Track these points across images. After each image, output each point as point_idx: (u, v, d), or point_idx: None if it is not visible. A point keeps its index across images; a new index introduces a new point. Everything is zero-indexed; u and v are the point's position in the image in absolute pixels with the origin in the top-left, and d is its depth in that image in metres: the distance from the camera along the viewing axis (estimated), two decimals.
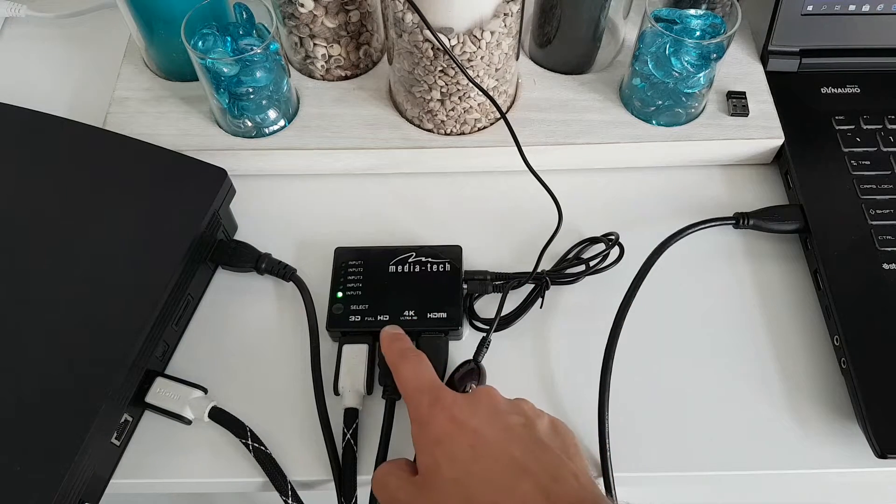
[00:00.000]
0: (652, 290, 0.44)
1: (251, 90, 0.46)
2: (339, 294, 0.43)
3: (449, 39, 0.42)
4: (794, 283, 0.46)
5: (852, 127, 0.50)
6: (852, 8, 0.50)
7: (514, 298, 0.45)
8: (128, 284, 0.40)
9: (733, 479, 0.40)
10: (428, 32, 0.42)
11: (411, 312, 0.42)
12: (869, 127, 0.50)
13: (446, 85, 0.45)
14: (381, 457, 0.39)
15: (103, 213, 0.42)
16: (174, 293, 0.41)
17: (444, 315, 0.42)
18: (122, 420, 0.39)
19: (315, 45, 0.50)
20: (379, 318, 0.42)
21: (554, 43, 0.51)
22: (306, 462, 0.40)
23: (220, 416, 0.41)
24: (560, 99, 0.51)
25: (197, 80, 0.47)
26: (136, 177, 0.44)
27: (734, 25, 0.44)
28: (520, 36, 0.47)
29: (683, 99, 0.48)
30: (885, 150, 0.49)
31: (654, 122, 0.50)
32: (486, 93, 0.44)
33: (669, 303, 0.45)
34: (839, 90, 0.52)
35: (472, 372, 0.41)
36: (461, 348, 0.44)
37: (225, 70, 0.44)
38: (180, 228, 0.42)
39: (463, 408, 0.35)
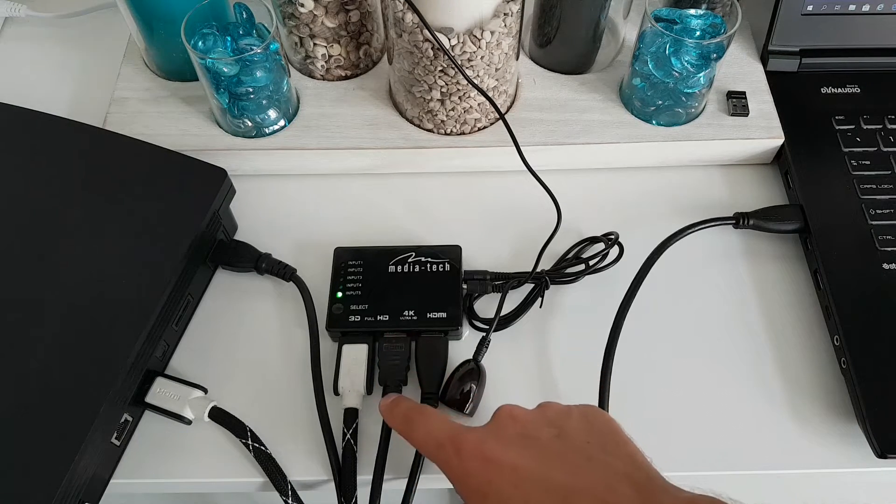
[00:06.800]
0: (652, 289, 0.44)
1: (251, 90, 0.46)
2: (339, 294, 0.43)
3: (449, 39, 0.42)
4: (794, 283, 0.46)
5: (852, 127, 0.50)
6: (852, 8, 0.50)
7: (514, 298, 0.45)
8: (128, 285, 0.40)
9: (733, 479, 0.40)
10: (428, 32, 0.42)
11: (411, 312, 0.42)
12: (869, 127, 0.50)
13: (446, 85, 0.45)
14: (381, 457, 0.39)
15: (103, 213, 0.42)
16: (174, 293, 0.41)
17: (444, 315, 0.42)
18: (122, 420, 0.39)
19: (315, 44, 0.50)
20: (379, 317, 0.42)
21: (554, 43, 0.51)
22: (306, 462, 0.40)
23: (220, 416, 0.41)
24: (560, 99, 0.51)
25: (197, 80, 0.47)
26: (136, 177, 0.44)
27: (734, 25, 0.44)
28: (520, 36, 0.47)
29: (683, 99, 0.48)
30: (885, 150, 0.49)
31: (654, 122, 0.50)
32: (484, 93, 0.44)
33: (669, 303, 0.45)
34: (839, 90, 0.52)
35: (471, 372, 0.41)
36: (461, 348, 0.44)
37: (225, 70, 0.44)
38: (180, 228, 0.42)
39: (491, 444, 0.32)
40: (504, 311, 0.43)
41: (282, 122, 0.49)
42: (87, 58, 0.58)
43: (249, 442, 0.40)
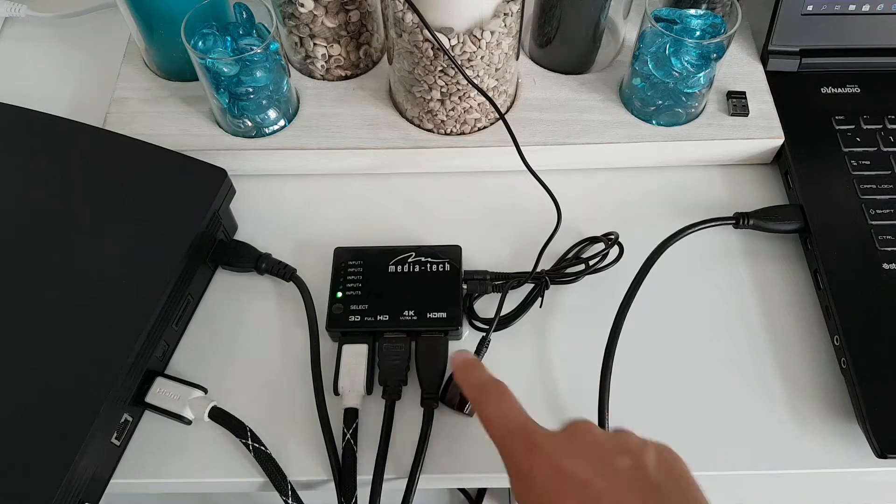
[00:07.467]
0: (652, 289, 0.44)
1: (251, 90, 0.46)
2: (339, 294, 0.43)
3: (449, 39, 0.42)
4: (794, 283, 0.46)
5: (852, 127, 0.50)
6: (852, 8, 0.50)
7: (514, 298, 0.45)
8: (128, 285, 0.40)
9: (733, 479, 0.40)
10: (428, 32, 0.42)
11: (411, 312, 0.42)
12: (869, 127, 0.50)
13: (446, 85, 0.45)
14: (381, 457, 0.39)
15: (103, 213, 0.42)
16: (174, 293, 0.41)
17: (444, 315, 0.42)
18: (122, 420, 0.39)
19: (315, 44, 0.50)
20: (379, 317, 0.42)
21: (554, 43, 0.51)
22: (306, 462, 0.40)
23: (220, 416, 0.41)
24: (560, 99, 0.51)
25: (197, 80, 0.47)
26: (136, 177, 0.44)
27: (734, 25, 0.44)
28: (520, 36, 0.47)
29: (683, 99, 0.48)
30: (885, 150, 0.49)
31: (654, 121, 0.50)
32: (484, 93, 0.44)
33: (669, 303, 0.45)
34: (839, 90, 0.52)
35: None
36: (461, 348, 0.43)
37: (225, 70, 0.44)
38: (180, 228, 0.42)
39: (565, 454, 0.31)
40: (504, 311, 0.43)
41: (282, 122, 0.49)
42: (87, 58, 0.58)
43: (249, 442, 0.40)
